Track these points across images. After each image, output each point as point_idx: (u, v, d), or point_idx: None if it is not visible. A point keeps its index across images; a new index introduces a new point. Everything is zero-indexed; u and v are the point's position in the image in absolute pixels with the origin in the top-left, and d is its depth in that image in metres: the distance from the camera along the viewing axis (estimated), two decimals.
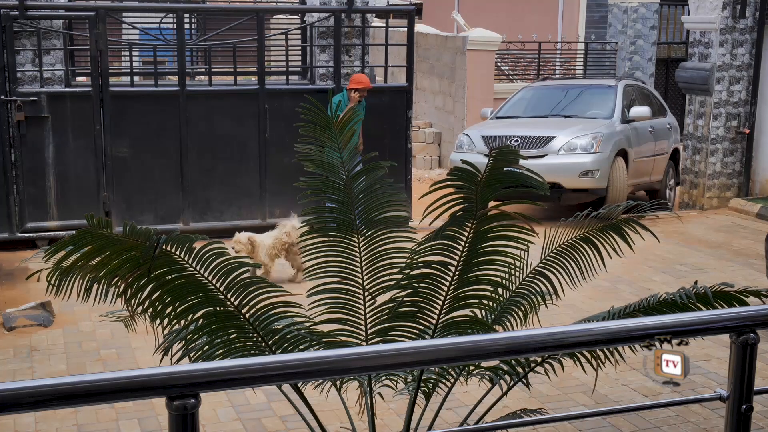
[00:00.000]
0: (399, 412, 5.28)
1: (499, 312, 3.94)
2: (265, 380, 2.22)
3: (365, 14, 10.71)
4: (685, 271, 8.74)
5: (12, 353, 6.60)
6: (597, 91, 12.78)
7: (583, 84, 13.77)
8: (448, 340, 2.93)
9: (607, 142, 11.20)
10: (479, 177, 3.47)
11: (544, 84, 13.52)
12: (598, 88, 12.90)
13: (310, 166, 4.02)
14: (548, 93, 13.08)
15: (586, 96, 12.75)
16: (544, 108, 12.58)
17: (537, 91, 13.20)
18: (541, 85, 13.45)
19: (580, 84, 13.85)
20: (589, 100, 12.57)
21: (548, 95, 13.03)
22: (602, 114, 12.05)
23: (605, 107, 12.18)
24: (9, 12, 9.04)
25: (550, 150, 11.02)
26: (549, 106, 12.62)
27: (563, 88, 13.30)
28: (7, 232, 9.25)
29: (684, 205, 12.15)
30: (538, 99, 12.92)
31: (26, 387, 1.97)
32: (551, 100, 12.81)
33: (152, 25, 11.06)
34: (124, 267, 3.30)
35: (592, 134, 11.23)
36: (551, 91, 13.14)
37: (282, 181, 9.75)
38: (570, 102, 12.67)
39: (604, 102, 12.30)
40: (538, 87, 13.31)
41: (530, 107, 12.71)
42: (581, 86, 13.41)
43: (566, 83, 14.16)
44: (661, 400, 5.59)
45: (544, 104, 12.68)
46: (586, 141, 11.15)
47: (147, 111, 9.59)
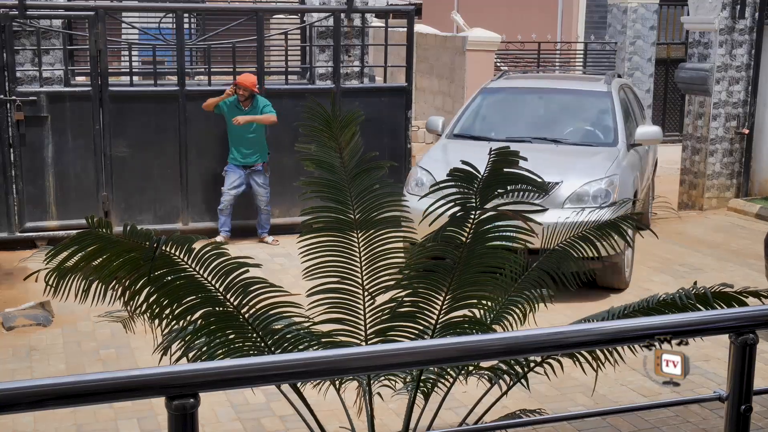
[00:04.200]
0: (398, 412, 5.27)
1: (498, 312, 3.94)
2: (265, 380, 2.21)
3: (365, 14, 10.71)
4: (684, 272, 8.74)
5: (11, 353, 6.59)
6: (587, 99, 9.53)
7: (566, 88, 9.99)
8: (447, 340, 2.93)
9: (625, 186, 8.15)
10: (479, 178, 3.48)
11: (511, 84, 10.10)
12: (588, 94, 9.57)
13: (310, 166, 4.02)
14: (518, 99, 9.80)
15: (574, 106, 9.57)
16: (518, 124, 9.37)
17: (503, 95, 9.84)
18: (506, 85, 10.00)
19: (561, 88, 10.03)
20: (577, 114, 9.51)
21: (518, 102, 9.78)
22: (601, 137, 9.05)
23: (602, 125, 9.18)
24: (8, 11, 9.04)
25: (551, 202, 7.37)
26: (525, 121, 9.46)
27: (538, 93, 9.88)
28: (6, 231, 9.24)
29: (683, 206, 12.15)
30: (507, 108, 9.73)
31: (25, 387, 1.96)
32: (525, 112, 9.70)
33: (152, 25, 11.05)
34: (124, 268, 3.30)
35: (607, 178, 8.00)
36: (521, 97, 9.83)
37: (281, 181, 9.74)
38: (552, 115, 9.57)
39: (600, 117, 9.31)
40: (504, 89, 9.92)
41: (499, 121, 9.57)
42: (563, 91, 9.84)
43: (541, 83, 10.59)
44: (660, 400, 5.59)
45: (517, 117, 9.54)
46: (601, 188, 7.87)
47: (146, 111, 9.58)
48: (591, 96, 9.57)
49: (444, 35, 16.13)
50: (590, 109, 9.46)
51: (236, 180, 9.43)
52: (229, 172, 9.46)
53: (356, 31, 10.60)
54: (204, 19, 11.78)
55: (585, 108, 9.50)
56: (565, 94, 9.78)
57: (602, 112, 9.32)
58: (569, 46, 17.62)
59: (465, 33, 15.47)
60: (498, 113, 9.69)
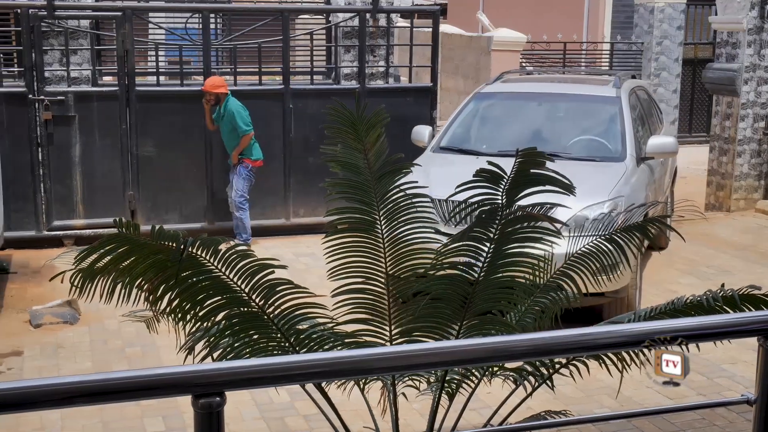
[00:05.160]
0: (422, 413, 5.27)
1: (523, 313, 3.93)
2: (290, 379, 2.22)
3: (390, 14, 10.71)
4: (711, 274, 8.67)
5: (38, 350, 6.66)
6: (592, 105, 8.53)
7: (568, 92, 8.96)
8: (472, 341, 2.92)
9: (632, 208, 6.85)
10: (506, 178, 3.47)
11: (508, 88, 9.08)
12: (593, 100, 8.58)
13: (335, 167, 4.03)
14: (513, 106, 8.79)
15: (576, 114, 8.57)
16: (513, 135, 8.24)
17: (497, 102, 8.87)
18: (501, 90, 9.00)
19: (562, 92, 9.02)
20: (580, 123, 8.49)
21: (514, 110, 8.77)
22: (606, 150, 7.99)
23: (608, 136, 8.12)
24: (37, 12, 9.12)
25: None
26: (520, 131, 8.39)
27: (536, 98, 8.81)
28: (34, 230, 9.33)
29: (710, 207, 12.06)
30: (501, 116, 8.73)
31: (53, 384, 1.98)
32: (521, 121, 8.63)
33: (178, 25, 11.11)
34: (151, 270, 3.32)
35: (611, 200, 6.98)
36: (518, 103, 8.79)
37: (306, 181, 9.76)
38: (552, 125, 8.57)
39: (606, 126, 8.26)
40: (498, 94, 8.93)
41: (492, 131, 8.58)
42: (564, 96, 8.86)
43: (541, 87, 9.30)
44: (687, 403, 5.55)
45: (511, 127, 8.51)
46: (603, 213, 6.26)
47: (172, 111, 9.64)
48: (596, 102, 8.53)
49: (469, 35, 16.11)
50: (595, 117, 8.39)
51: (230, 182, 9.41)
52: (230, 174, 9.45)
53: (381, 31, 10.61)
54: (230, 20, 11.82)
55: (589, 116, 8.45)
56: (567, 99, 8.78)
57: (609, 120, 8.24)
58: (595, 47, 17.54)
59: (490, 33, 15.44)
60: (491, 122, 8.71)
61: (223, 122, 9.22)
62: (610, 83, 8.81)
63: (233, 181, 9.30)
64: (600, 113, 8.41)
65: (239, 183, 9.23)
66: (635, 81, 9.62)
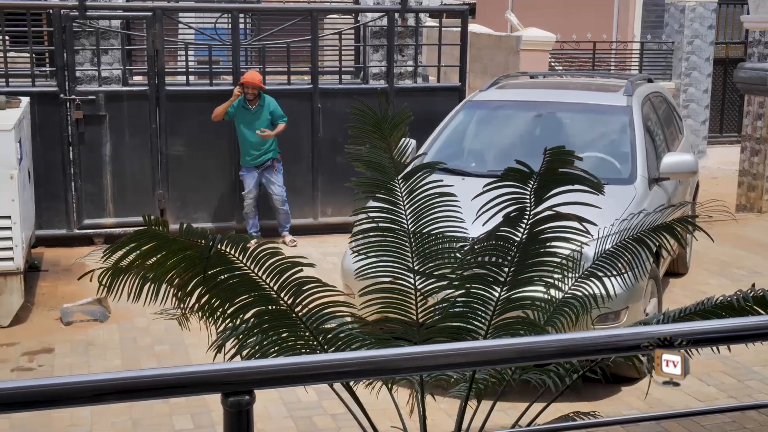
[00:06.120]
0: (450, 413, 5.26)
1: (551, 313, 3.92)
2: (319, 378, 2.23)
3: (419, 14, 10.71)
4: (741, 275, 8.59)
5: (69, 347, 6.72)
6: (598, 117, 7.50)
7: (571, 101, 7.75)
8: (501, 341, 2.92)
9: None
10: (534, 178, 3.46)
11: (503, 96, 8.03)
12: (600, 111, 7.52)
13: (361, 167, 4.03)
14: (509, 117, 7.80)
15: (580, 127, 7.48)
16: (506, 152, 7.21)
17: (491, 112, 7.83)
18: (496, 98, 7.95)
19: (564, 101, 7.79)
20: (584, 137, 7.39)
21: (510, 121, 7.78)
22: (613, 170, 6.88)
23: (616, 154, 7.08)
24: (69, 12, 9.21)
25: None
26: (515, 147, 7.31)
27: (535, 108, 7.73)
28: (65, 228, 9.41)
29: (741, 208, 11.93)
30: (495, 129, 7.76)
31: (84, 381, 2.00)
32: (517, 135, 7.63)
33: (208, 25, 11.17)
34: (180, 267, 3.34)
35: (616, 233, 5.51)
36: (514, 114, 7.79)
37: (334, 181, 9.78)
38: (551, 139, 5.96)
39: (614, 142, 7.23)
40: (492, 103, 7.87)
41: (483, 147, 7.65)
42: (567, 106, 7.69)
43: (542, 94, 8.13)
44: (717, 405, 5.51)
45: (505, 143, 7.57)
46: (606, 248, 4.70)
47: (202, 110, 9.68)
48: (603, 112, 7.48)
49: (498, 35, 16.06)
50: (601, 131, 7.34)
51: (252, 182, 9.44)
52: (245, 175, 9.47)
53: (410, 30, 10.61)
54: (259, 20, 11.87)
55: (595, 129, 7.37)
56: (570, 109, 7.65)
57: (617, 134, 7.22)
58: (625, 46, 17.41)
59: (519, 32, 15.38)
60: (482, 136, 7.68)
61: (258, 117, 9.32)
62: (621, 90, 7.72)
63: (272, 178, 9.44)
64: (607, 126, 7.38)
65: (280, 178, 9.47)
66: (651, 86, 8.57)
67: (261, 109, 9.33)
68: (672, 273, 8.26)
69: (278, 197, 9.51)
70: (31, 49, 9.53)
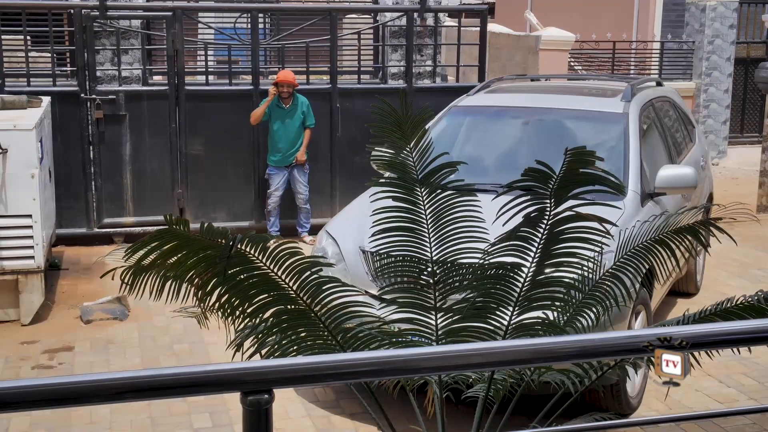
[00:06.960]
0: (468, 413, 5.25)
1: (571, 314, 3.90)
2: (338, 378, 2.23)
3: (437, 14, 10.70)
4: (762, 276, 8.53)
5: (89, 345, 6.76)
6: (590, 125, 6.86)
7: (562, 107, 7.11)
8: (520, 342, 2.91)
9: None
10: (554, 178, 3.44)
11: (490, 101, 7.44)
12: (592, 118, 6.89)
13: (381, 167, 4.03)
14: (495, 125, 7.20)
15: (570, 136, 6.66)
16: (490, 164, 6.77)
17: (475, 119, 7.33)
18: (482, 103, 7.41)
19: (555, 107, 7.15)
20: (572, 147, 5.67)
21: (495, 129, 7.18)
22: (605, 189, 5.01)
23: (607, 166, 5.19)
24: (90, 12, 9.26)
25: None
26: (500, 159, 6.82)
27: (523, 115, 7.15)
28: (85, 227, 9.47)
29: (762, 209, 11.85)
30: (479, 138, 7.19)
31: (104, 379, 2.01)
32: (502, 145, 7.03)
33: (227, 25, 11.20)
34: (200, 266, 3.35)
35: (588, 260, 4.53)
36: (500, 121, 7.20)
37: (352, 180, 9.78)
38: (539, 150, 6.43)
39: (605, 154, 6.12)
40: (477, 109, 7.39)
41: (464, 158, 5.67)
42: (557, 112, 7.04)
43: (531, 99, 7.54)
44: (737, 407, 5.47)
45: (489, 153, 6.94)
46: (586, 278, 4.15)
47: (221, 110, 9.72)
48: (596, 120, 6.84)
49: (517, 34, 16.02)
50: (593, 140, 6.50)
51: (280, 181, 9.55)
52: (272, 174, 9.57)
53: (429, 30, 10.60)
54: (278, 19, 11.89)
55: (586, 138, 6.51)
56: (561, 116, 6.99)
57: (609, 144, 6.56)
58: (645, 46, 17.33)
59: (538, 32, 15.34)
60: (465, 146, 7.02)
61: (292, 115, 9.43)
62: (619, 96, 7.02)
63: (299, 177, 9.60)
64: (599, 134, 6.73)
65: (305, 178, 9.68)
66: (656, 90, 7.87)
67: (295, 108, 9.46)
68: (680, 292, 7.77)
69: (302, 196, 9.64)
70: (52, 49, 9.59)
